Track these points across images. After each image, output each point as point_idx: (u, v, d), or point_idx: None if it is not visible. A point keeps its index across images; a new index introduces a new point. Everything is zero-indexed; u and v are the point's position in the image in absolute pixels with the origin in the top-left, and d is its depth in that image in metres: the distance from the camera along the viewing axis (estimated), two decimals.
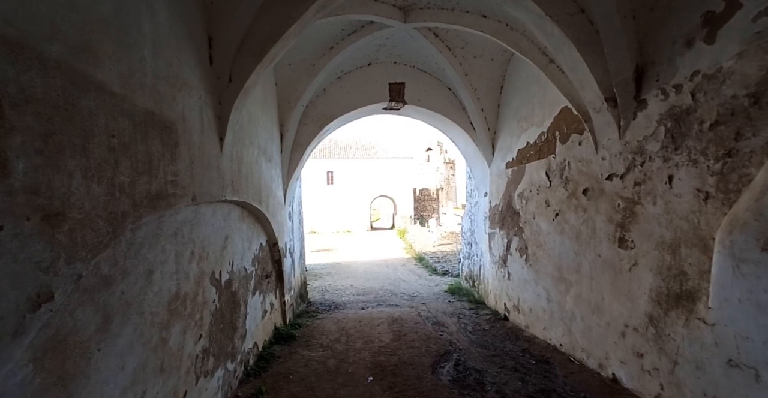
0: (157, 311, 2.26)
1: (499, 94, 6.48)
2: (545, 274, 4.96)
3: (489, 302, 7.15)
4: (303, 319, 6.72)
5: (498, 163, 6.66)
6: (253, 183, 4.38)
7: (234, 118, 3.33)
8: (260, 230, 5.16)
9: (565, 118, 4.52)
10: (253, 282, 4.70)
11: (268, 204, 5.17)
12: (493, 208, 6.86)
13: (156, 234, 2.27)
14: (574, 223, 4.31)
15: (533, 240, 5.31)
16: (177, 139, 2.40)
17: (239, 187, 3.83)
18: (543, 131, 5.08)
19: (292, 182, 6.61)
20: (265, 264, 5.39)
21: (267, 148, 5.20)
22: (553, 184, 4.83)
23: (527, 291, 5.49)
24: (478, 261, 7.99)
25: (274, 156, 5.70)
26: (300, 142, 6.51)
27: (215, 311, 3.35)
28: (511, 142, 6.10)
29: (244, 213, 4.40)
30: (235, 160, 3.69)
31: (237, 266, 4.09)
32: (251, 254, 4.69)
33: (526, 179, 5.60)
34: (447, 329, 6.00)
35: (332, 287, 10.08)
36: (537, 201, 5.23)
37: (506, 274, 6.25)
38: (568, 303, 4.39)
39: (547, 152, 4.99)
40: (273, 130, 5.59)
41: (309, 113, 6.60)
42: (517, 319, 5.87)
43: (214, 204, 3.36)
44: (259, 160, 4.72)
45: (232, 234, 3.93)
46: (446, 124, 7.36)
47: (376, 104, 6.92)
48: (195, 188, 2.65)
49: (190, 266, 2.79)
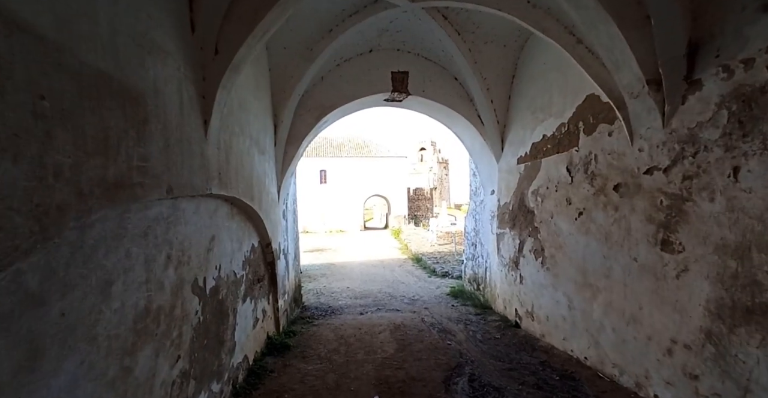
0: (117, 333, 1.77)
1: (510, 84, 6.03)
2: (566, 279, 4.52)
3: (497, 307, 6.71)
4: (298, 326, 6.22)
5: (508, 159, 6.22)
6: (243, 176, 3.89)
7: (221, 99, 2.84)
8: (252, 230, 4.66)
9: (591, 107, 4.09)
10: (243, 288, 4.20)
11: (261, 201, 4.67)
12: (503, 207, 6.43)
13: (117, 235, 1.77)
14: (603, 223, 3.88)
15: (551, 241, 4.88)
16: (146, 114, 1.90)
17: (228, 180, 3.33)
18: (563, 122, 4.64)
19: (287, 178, 6.11)
20: (257, 267, 4.89)
21: (260, 139, 4.70)
22: (575, 180, 4.39)
23: (543, 296, 5.05)
24: (483, 263, 7.55)
25: (268, 148, 5.20)
26: (295, 135, 6.01)
27: (198, 325, 2.86)
28: (525, 135, 5.66)
29: (233, 210, 3.90)
30: (222, 148, 3.19)
31: (225, 270, 3.59)
32: (241, 256, 4.19)
33: (542, 175, 5.17)
34: (455, 337, 5.54)
35: (328, 290, 9.58)
36: (556, 199, 4.79)
37: (518, 278, 5.81)
38: (596, 312, 3.95)
39: (567, 145, 4.56)
40: (266, 120, 5.09)
41: (305, 103, 6.10)
42: (531, 327, 5.44)
43: (197, 199, 2.86)
44: (251, 152, 4.22)
45: (219, 234, 3.43)
46: (452, 117, 6.91)
47: (378, 95, 6.43)
48: (171, 178, 2.16)
49: (165, 273, 2.29)
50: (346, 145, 40.14)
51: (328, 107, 6.23)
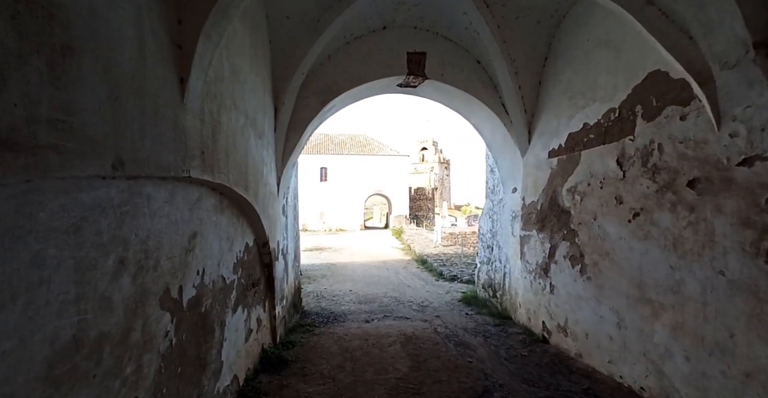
0: (8, 392, 1.09)
1: (542, 66, 5.35)
2: (614, 291, 3.84)
3: (518, 318, 6.03)
4: (297, 335, 5.54)
5: (537, 152, 5.54)
6: (236, 161, 3.20)
7: (204, 52, 2.15)
8: (246, 226, 3.98)
9: (655, 86, 3.41)
10: (234, 295, 3.52)
11: (257, 193, 3.99)
12: (528, 206, 5.75)
13: (8, 229, 1.09)
14: (670, 226, 3.20)
15: (593, 246, 4.20)
16: (70, 39, 1.22)
17: (214, 162, 2.64)
18: (612, 108, 3.96)
19: (288, 169, 5.43)
20: (252, 269, 4.21)
21: (257, 120, 4.01)
22: (629, 175, 3.71)
23: (581, 310, 4.37)
24: (501, 267, 6.87)
25: (267, 133, 4.51)
26: (298, 120, 5.32)
27: (169, 350, 2.17)
28: (559, 124, 4.98)
29: (222, 202, 3.21)
30: (208, 121, 2.50)
31: (210, 276, 2.91)
32: (233, 258, 3.51)
33: (581, 170, 4.49)
34: (475, 353, 4.87)
35: (329, 293, 8.90)
36: (600, 198, 4.11)
37: (547, 287, 5.13)
38: (658, 334, 3.27)
39: (618, 134, 3.88)
40: (265, 99, 4.40)
41: (310, 84, 5.41)
42: (563, 343, 4.76)
43: (170, 185, 2.17)
44: (245, 132, 3.54)
45: (203, 230, 2.75)
46: (472, 106, 6.22)
47: (391, 78, 5.75)
48: (122, 147, 1.48)
49: (115, 285, 1.61)
50: (348, 143, 39.49)
51: (335, 90, 5.54)
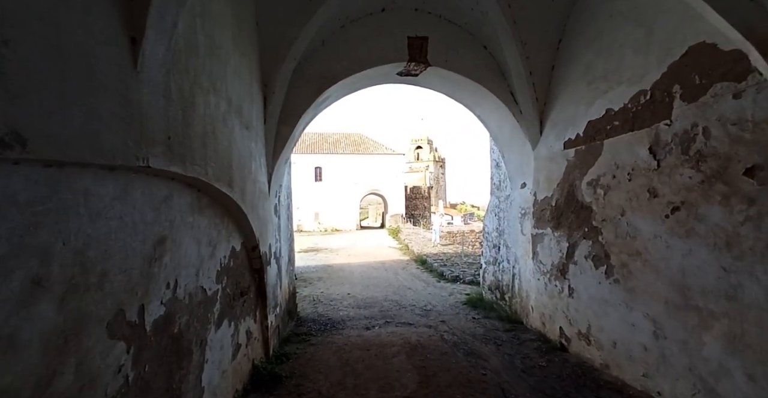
0: None
1: (555, 50, 4.91)
2: (649, 296, 3.42)
3: (530, 322, 5.60)
4: (292, 346, 5.07)
5: (549, 143, 5.10)
6: (217, 152, 2.73)
7: (165, 8, 1.68)
8: (232, 228, 3.50)
9: (699, 62, 2.98)
10: (218, 308, 3.04)
11: (245, 191, 3.52)
12: (541, 202, 5.31)
13: None
14: (721, 222, 2.78)
15: (621, 245, 3.77)
16: None
17: (187, 151, 2.17)
18: (643, 90, 3.53)
19: (280, 165, 4.95)
20: (240, 276, 3.74)
21: (243, 108, 3.54)
22: (665, 164, 3.28)
23: (608, 316, 3.95)
24: (509, 268, 6.44)
25: (255, 124, 4.04)
26: (291, 111, 4.85)
27: (123, 389, 1.69)
28: (576, 112, 4.55)
29: (202, 200, 2.74)
30: (176, 99, 2.03)
31: (186, 288, 2.44)
32: (215, 265, 3.03)
33: (604, 160, 4.06)
34: (488, 364, 4.42)
35: (326, 296, 8.42)
36: (629, 191, 3.69)
37: (565, 290, 4.70)
38: (709, 347, 2.85)
39: (650, 119, 3.45)
40: (252, 86, 3.92)
41: (303, 72, 4.94)
42: (584, 352, 4.33)
43: (122, 177, 1.70)
44: (229, 121, 3.06)
45: (175, 234, 2.28)
46: (477, 96, 5.78)
47: (390, 65, 5.29)
48: (19, 115, 1.01)
49: (24, 314, 1.14)
50: (342, 142, 39.00)
51: (330, 78, 5.07)
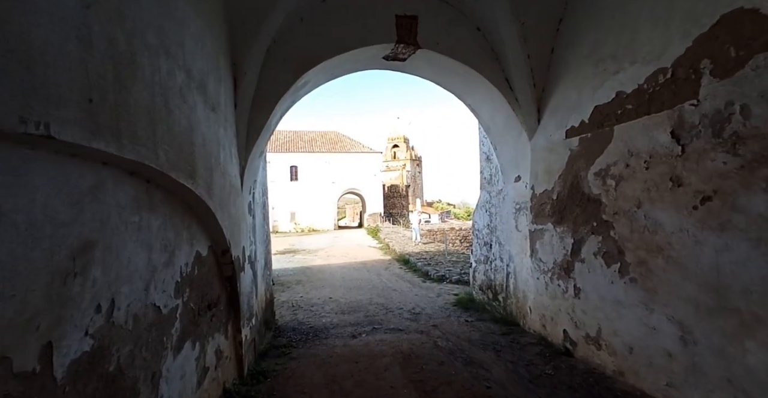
0: None
1: (555, 30, 4.54)
2: (674, 296, 3.06)
3: (528, 324, 5.24)
4: (270, 361, 4.50)
5: (549, 132, 4.74)
6: (174, 133, 2.17)
7: None
8: (197, 229, 2.93)
9: (734, 31, 2.63)
10: (177, 329, 2.47)
11: (212, 184, 2.95)
12: (540, 196, 4.95)
13: None
14: (766, 213, 2.43)
15: (638, 240, 3.41)
16: None
17: (124, 123, 1.61)
18: (662, 67, 3.18)
19: (254, 158, 4.38)
20: (207, 286, 3.16)
21: (208, 86, 2.96)
22: (691, 149, 2.93)
23: (623, 318, 3.59)
24: (502, 267, 6.07)
25: (223, 107, 3.46)
26: (265, 95, 4.28)
27: None
28: (580, 97, 4.19)
29: (153, 195, 2.17)
30: (101, 48, 1.47)
31: (129, 309, 1.87)
32: (174, 275, 2.46)
33: (614, 148, 3.70)
34: (490, 374, 4.01)
35: (306, 301, 7.84)
36: (647, 181, 3.33)
37: (569, 289, 4.34)
38: (754, 356, 2.50)
39: (672, 99, 3.10)
40: (219, 61, 3.34)
41: (278, 52, 4.38)
42: (594, 357, 3.97)
43: (6, 152, 1.14)
44: (189, 97, 2.49)
45: (110, 238, 1.71)
46: (469, 82, 5.36)
47: (376, 47, 4.79)
48: None
49: None
50: (319, 140, 38.26)
51: (310, 60, 4.53)
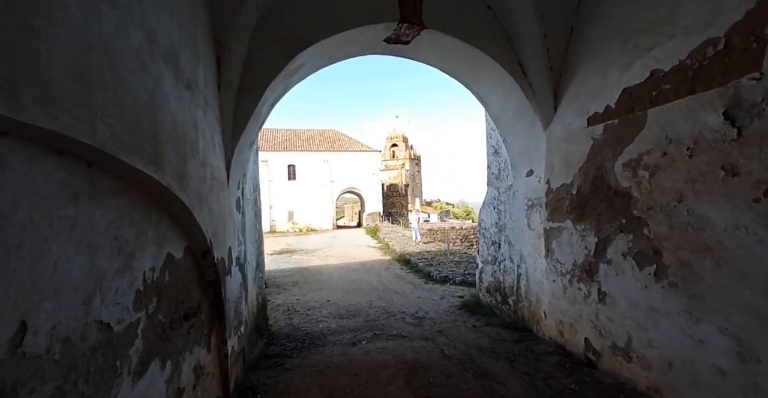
0: None
1: (575, 7, 4.11)
2: (727, 305, 2.63)
3: (543, 331, 4.81)
4: (261, 374, 4.06)
5: (567, 120, 4.30)
6: (124, 105, 1.71)
7: None
8: (168, 227, 2.48)
9: None
10: (138, 349, 2.02)
11: (186, 174, 2.50)
12: (556, 191, 4.51)
13: None
14: None
15: (679, 239, 2.98)
16: None
17: (26, 75, 1.17)
18: (713, 37, 2.74)
19: (243, 149, 3.94)
20: (183, 293, 2.71)
21: (181, 57, 2.51)
22: (750, 132, 2.50)
23: (659, 328, 3.15)
24: (512, 268, 5.64)
25: (202, 86, 3.00)
26: (254, 79, 3.83)
27: None
28: (605, 80, 3.76)
29: (98, 182, 1.71)
30: None
31: (55, 331, 1.41)
32: (133, 283, 2.00)
33: (648, 135, 3.27)
34: (506, 389, 3.58)
35: (302, 305, 7.39)
36: (690, 170, 2.90)
37: (593, 294, 3.90)
38: None
39: (724, 74, 2.66)
40: (197, 34, 2.88)
41: (269, 30, 3.93)
42: (622, 370, 3.54)
43: None
44: (152, 65, 2.04)
45: (14, 239, 1.25)
46: (477, 67, 4.92)
47: (377, 26, 4.34)
48: None
49: None
50: (317, 138, 37.81)
51: (304, 40, 4.08)
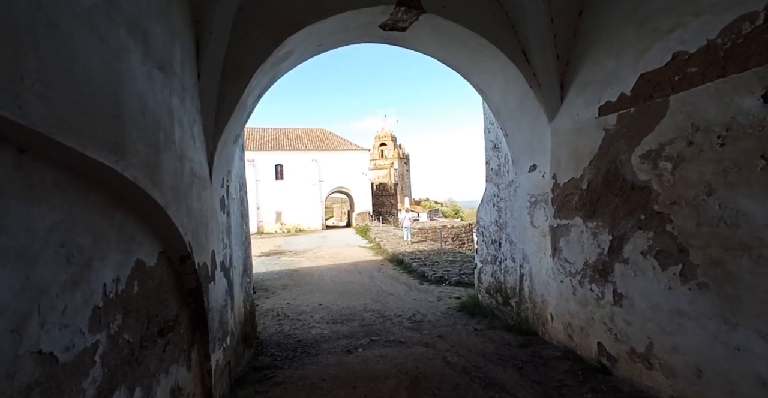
0: None
1: None
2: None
3: (550, 334, 4.55)
4: (248, 389, 3.70)
5: (576, 111, 4.05)
6: (70, 74, 1.37)
7: None
8: (137, 229, 2.12)
9: None
10: (95, 379, 1.68)
11: (159, 167, 2.14)
12: (563, 187, 4.25)
13: None
14: None
15: (709, 236, 2.73)
16: None
17: None
18: (749, 12, 2.49)
19: (227, 143, 3.58)
20: (158, 305, 2.36)
21: (151, 32, 2.15)
22: None
23: (686, 333, 2.91)
24: (514, 268, 5.38)
25: (178, 69, 2.64)
26: (238, 65, 3.47)
27: None
28: (618, 66, 3.50)
29: (35, 173, 1.36)
30: None
31: None
32: (87, 298, 1.66)
33: (670, 123, 3.01)
34: None
35: (292, 309, 7.02)
36: (723, 160, 2.65)
37: (607, 295, 3.65)
38: None
39: (762, 53, 2.41)
40: (172, 11, 2.52)
41: (255, 14, 3.58)
42: (642, 377, 3.29)
43: None
44: (110, 35, 1.68)
45: None
46: (478, 56, 4.63)
47: (371, 9, 4.01)
48: None
49: None
50: (304, 138, 37.29)
51: (293, 23, 3.74)
